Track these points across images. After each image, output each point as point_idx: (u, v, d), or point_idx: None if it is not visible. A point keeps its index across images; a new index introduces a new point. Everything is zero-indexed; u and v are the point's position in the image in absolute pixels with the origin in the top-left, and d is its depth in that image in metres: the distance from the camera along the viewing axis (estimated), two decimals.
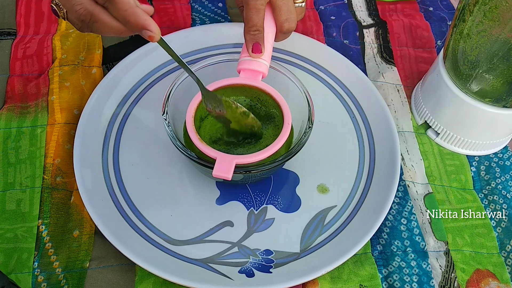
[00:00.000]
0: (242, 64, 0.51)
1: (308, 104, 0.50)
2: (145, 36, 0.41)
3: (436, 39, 0.67)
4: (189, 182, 0.53)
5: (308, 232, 0.50)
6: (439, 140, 0.58)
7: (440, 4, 0.72)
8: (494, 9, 0.45)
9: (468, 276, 0.50)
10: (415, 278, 0.49)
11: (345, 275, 0.48)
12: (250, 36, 0.51)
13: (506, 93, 0.50)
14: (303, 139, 0.48)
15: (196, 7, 0.68)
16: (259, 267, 0.48)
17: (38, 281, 0.46)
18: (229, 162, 0.45)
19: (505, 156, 0.58)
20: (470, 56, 0.50)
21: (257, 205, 0.52)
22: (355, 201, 0.52)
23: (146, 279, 0.47)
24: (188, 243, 0.49)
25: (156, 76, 0.59)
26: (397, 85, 0.63)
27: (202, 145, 0.46)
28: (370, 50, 0.66)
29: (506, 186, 0.55)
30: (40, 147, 0.53)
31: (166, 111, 0.48)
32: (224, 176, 0.44)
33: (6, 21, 0.64)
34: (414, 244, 0.51)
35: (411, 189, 0.55)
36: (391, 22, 0.68)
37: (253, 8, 0.50)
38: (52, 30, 0.64)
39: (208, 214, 0.51)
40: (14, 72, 0.60)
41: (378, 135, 0.56)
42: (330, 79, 0.60)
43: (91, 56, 0.61)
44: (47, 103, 0.56)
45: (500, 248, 0.52)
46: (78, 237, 0.49)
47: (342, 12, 0.70)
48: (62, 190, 0.51)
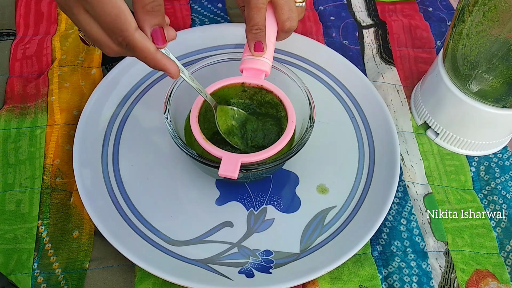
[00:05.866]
0: (244, 63, 0.51)
1: (309, 103, 0.50)
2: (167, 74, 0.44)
3: (436, 40, 0.67)
4: (189, 182, 0.53)
5: (308, 233, 0.50)
6: (438, 141, 0.58)
7: (439, 4, 0.72)
8: (493, 10, 0.45)
9: (468, 276, 0.50)
10: (415, 279, 0.49)
11: (345, 276, 0.48)
12: (251, 35, 0.51)
13: (505, 93, 0.50)
14: (304, 138, 0.48)
15: (195, 8, 0.68)
16: (259, 267, 0.47)
17: (38, 282, 0.46)
18: (235, 162, 0.45)
19: (504, 156, 0.58)
20: (470, 57, 0.50)
21: (257, 205, 0.52)
22: (354, 202, 0.52)
23: (145, 279, 0.47)
24: (187, 244, 0.49)
25: (156, 76, 0.59)
26: (396, 85, 0.63)
27: (207, 144, 0.46)
28: (369, 51, 0.66)
29: (506, 186, 0.55)
30: (40, 148, 0.53)
31: (167, 110, 0.48)
32: (230, 175, 0.44)
33: (5, 22, 0.64)
34: (414, 244, 0.51)
35: (411, 190, 0.55)
36: (391, 22, 0.68)
37: (254, 7, 0.50)
38: (52, 30, 0.64)
39: (207, 215, 0.51)
40: (13, 73, 0.60)
41: (377, 135, 0.56)
42: (330, 80, 0.60)
43: (90, 56, 0.61)
44: (46, 103, 0.56)
45: (500, 248, 0.52)
46: (77, 237, 0.49)
47: (342, 13, 0.70)
48: (62, 190, 0.51)
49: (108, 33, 0.39)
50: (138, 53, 0.41)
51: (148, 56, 0.41)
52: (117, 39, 0.39)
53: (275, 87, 0.51)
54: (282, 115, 0.51)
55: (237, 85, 0.51)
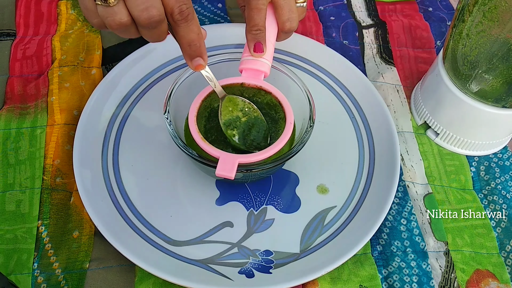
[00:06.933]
0: (244, 63, 0.51)
1: (309, 103, 0.50)
2: (194, 64, 0.44)
3: (436, 40, 0.67)
4: (189, 182, 0.53)
5: (308, 233, 0.50)
6: (438, 141, 0.58)
7: (439, 4, 0.72)
8: (493, 10, 0.45)
9: (468, 276, 0.50)
10: (415, 279, 0.49)
11: (345, 276, 0.48)
12: (251, 36, 0.51)
13: (505, 93, 0.50)
14: (304, 138, 0.48)
15: (195, 8, 0.68)
16: (259, 267, 0.47)
17: (38, 282, 0.46)
18: (232, 162, 0.45)
19: (504, 156, 0.58)
20: (470, 57, 0.50)
21: (257, 205, 0.52)
22: (354, 202, 0.52)
23: (146, 279, 0.47)
24: (188, 244, 0.49)
25: (156, 76, 0.59)
26: (396, 85, 0.63)
27: (205, 144, 0.46)
28: (369, 51, 0.66)
29: (506, 186, 0.55)
30: (40, 148, 0.53)
31: (167, 110, 0.48)
32: (227, 175, 0.44)
33: (5, 22, 0.64)
34: (414, 244, 0.51)
35: (411, 190, 0.55)
36: (391, 22, 0.68)
37: (254, 7, 0.50)
38: (52, 31, 0.64)
39: (207, 215, 0.51)
40: (13, 73, 0.60)
41: (377, 135, 0.56)
42: (330, 80, 0.60)
43: (90, 56, 0.61)
44: (46, 103, 0.56)
45: (500, 248, 0.52)
46: (77, 238, 0.49)
47: (342, 13, 0.70)
48: (62, 191, 0.51)
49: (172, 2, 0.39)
50: (193, 26, 0.41)
51: (198, 34, 0.42)
52: (181, 7, 0.40)
53: (274, 88, 0.51)
54: (281, 117, 0.51)
55: (236, 85, 0.51)
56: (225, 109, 0.49)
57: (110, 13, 0.39)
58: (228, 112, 0.49)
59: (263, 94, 0.51)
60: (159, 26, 0.40)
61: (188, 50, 0.43)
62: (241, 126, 0.50)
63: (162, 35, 0.42)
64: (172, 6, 0.40)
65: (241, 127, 0.50)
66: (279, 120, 0.51)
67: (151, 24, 0.39)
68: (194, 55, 0.43)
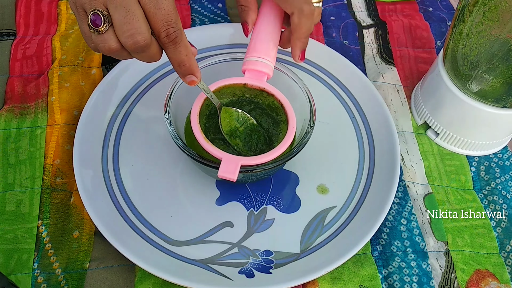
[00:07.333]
0: (247, 64, 0.51)
1: (309, 104, 0.50)
2: (187, 80, 0.44)
3: (436, 40, 0.67)
4: (189, 182, 0.53)
5: (308, 233, 0.50)
6: (438, 141, 0.58)
7: (439, 4, 0.72)
8: (493, 10, 0.45)
9: (468, 276, 0.50)
10: (415, 279, 0.49)
11: (345, 276, 0.48)
12: (301, 43, 0.51)
13: (505, 93, 0.50)
14: (304, 139, 0.48)
15: (195, 8, 0.68)
16: (259, 267, 0.47)
17: (38, 282, 0.46)
18: (235, 163, 0.45)
19: (504, 156, 0.58)
20: (470, 57, 0.50)
21: (257, 205, 0.52)
22: (355, 202, 0.52)
23: (146, 279, 0.47)
24: (188, 244, 0.49)
25: (156, 76, 0.59)
26: (396, 85, 0.63)
27: (208, 145, 0.46)
28: (369, 51, 0.66)
29: (506, 186, 0.55)
30: (40, 148, 0.53)
31: (168, 110, 0.48)
32: (230, 177, 0.44)
33: (5, 22, 0.64)
34: (414, 244, 0.51)
35: (411, 190, 0.55)
36: (391, 22, 0.68)
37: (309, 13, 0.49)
38: (52, 30, 0.64)
39: (208, 215, 0.51)
40: (13, 73, 0.60)
41: (378, 135, 0.56)
42: (330, 80, 0.60)
43: (90, 56, 0.61)
44: (46, 103, 0.56)
45: (500, 248, 0.52)
46: (78, 237, 0.49)
47: (342, 13, 0.70)
48: (62, 190, 0.51)
49: (158, 25, 0.40)
50: (181, 48, 0.41)
51: (188, 55, 0.42)
52: (168, 31, 0.40)
53: (277, 91, 0.51)
54: (282, 119, 0.51)
55: (239, 85, 0.51)
56: (223, 120, 0.49)
57: (101, 40, 0.40)
58: (226, 123, 0.50)
59: (266, 95, 0.51)
60: (147, 50, 0.41)
61: (178, 69, 0.43)
62: (241, 135, 0.50)
63: (154, 57, 0.42)
64: (158, 30, 0.40)
65: (242, 135, 0.50)
66: (280, 123, 0.51)
67: (137, 49, 0.40)
68: (185, 74, 0.44)
